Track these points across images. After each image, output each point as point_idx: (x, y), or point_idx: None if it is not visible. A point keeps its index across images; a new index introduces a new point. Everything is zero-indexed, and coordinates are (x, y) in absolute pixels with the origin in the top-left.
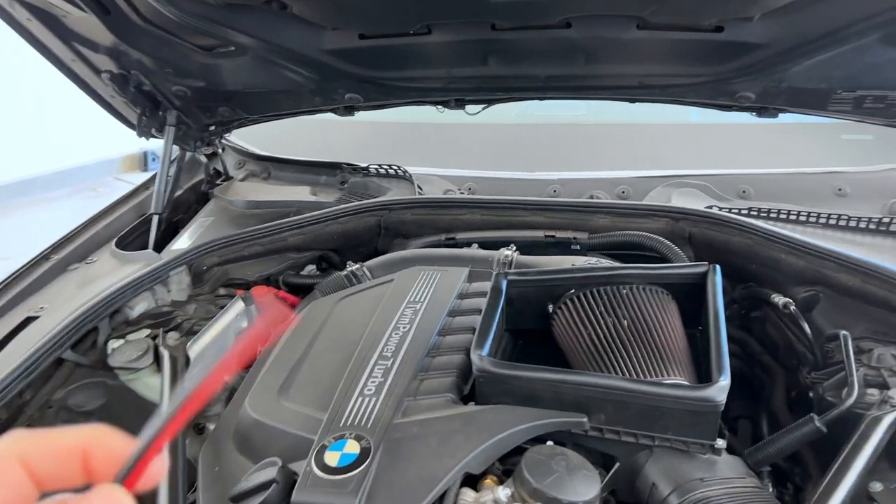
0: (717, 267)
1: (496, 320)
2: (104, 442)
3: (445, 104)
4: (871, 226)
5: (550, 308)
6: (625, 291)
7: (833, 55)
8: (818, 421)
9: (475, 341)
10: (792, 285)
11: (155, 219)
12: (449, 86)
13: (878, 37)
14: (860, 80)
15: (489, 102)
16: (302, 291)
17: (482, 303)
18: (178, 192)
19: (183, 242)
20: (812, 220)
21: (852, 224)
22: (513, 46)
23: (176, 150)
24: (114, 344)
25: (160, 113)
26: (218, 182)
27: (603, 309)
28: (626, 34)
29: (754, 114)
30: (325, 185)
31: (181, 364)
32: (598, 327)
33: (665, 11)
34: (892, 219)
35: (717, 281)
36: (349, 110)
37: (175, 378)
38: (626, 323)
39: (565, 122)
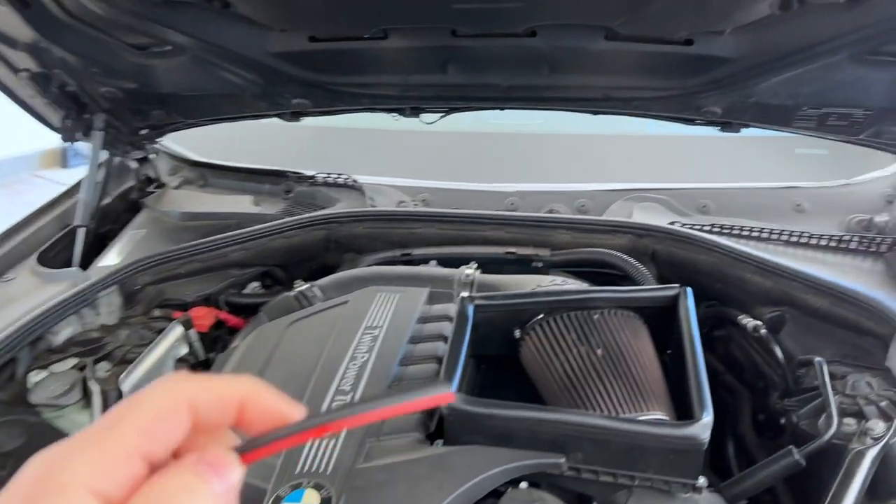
0: (689, 290)
1: (464, 351)
2: (260, 398)
3: (400, 112)
4: (832, 243)
5: (517, 333)
6: (596, 316)
7: (802, 72)
8: (797, 454)
9: (443, 376)
10: (758, 305)
11: (81, 232)
12: (405, 93)
13: (847, 55)
14: (827, 98)
15: (447, 111)
16: (245, 312)
17: (445, 328)
18: (106, 201)
19: (112, 258)
20: (774, 237)
21: (813, 242)
22: (474, 54)
23: (103, 154)
24: (35, 376)
25: (86, 116)
26: (150, 190)
27: (575, 336)
28: (594, 45)
29: (718, 128)
30: (268, 195)
31: (113, 400)
32: (570, 357)
33: (636, 23)
34: (851, 237)
35: (689, 305)
36: (296, 116)
37: None
38: (599, 352)
39: (521, 132)
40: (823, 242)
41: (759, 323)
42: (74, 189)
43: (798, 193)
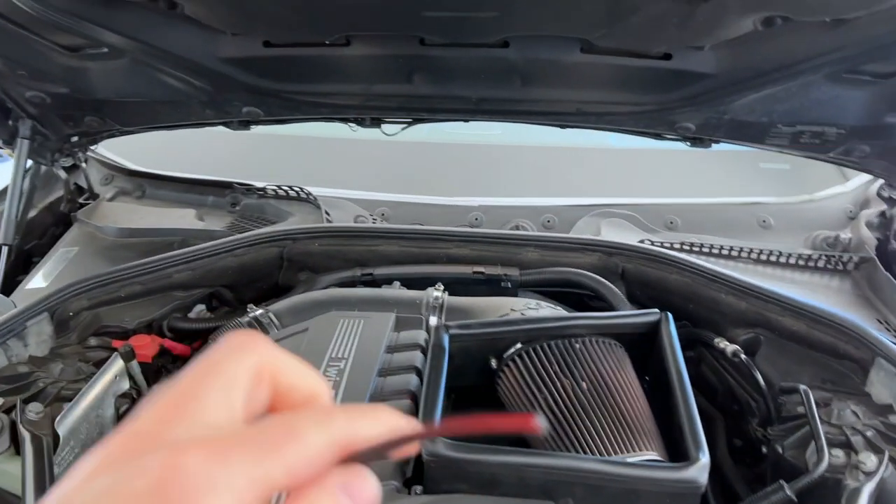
0: (670, 315)
1: (442, 388)
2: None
3: (360, 122)
4: (801, 262)
5: (493, 363)
6: (577, 346)
7: (779, 89)
8: (788, 489)
9: (422, 417)
10: (732, 327)
11: (3, 251)
12: (366, 103)
13: (824, 73)
14: (801, 116)
15: (410, 123)
16: (191, 338)
17: (416, 357)
18: (31, 213)
19: (40, 280)
20: (744, 255)
21: (782, 260)
22: (442, 64)
23: (28, 162)
24: None
25: (10, 122)
26: (81, 201)
27: (557, 368)
28: (569, 57)
29: (688, 143)
30: (212, 208)
31: (48, 446)
32: (554, 391)
33: (615, 36)
34: (819, 255)
35: (671, 333)
36: (245, 125)
37: (41, 464)
38: (584, 385)
39: (482, 143)
40: (792, 261)
41: (737, 348)
42: None
43: (763, 209)
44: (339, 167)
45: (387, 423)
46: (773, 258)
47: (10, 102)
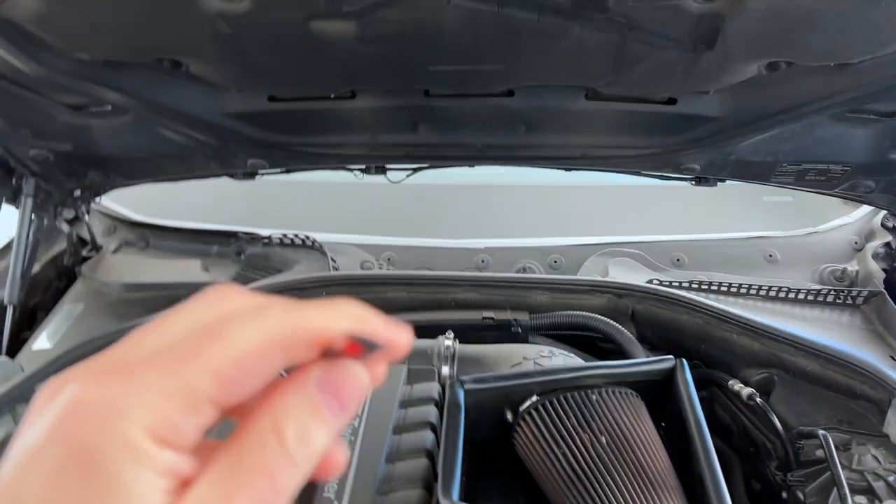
0: (685, 363)
1: (461, 449)
2: (367, 330)
3: (365, 170)
4: (810, 297)
5: (509, 416)
6: (594, 397)
7: (784, 130)
8: None
9: (441, 484)
10: (745, 367)
11: (9, 311)
12: (372, 153)
13: (829, 114)
14: (806, 154)
15: (415, 170)
16: None
17: (431, 413)
18: (35, 269)
19: (45, 340)
20: (752, 292)
21: (791, 296)
22: (447, 114)
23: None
24: None
25: (14, 181)
26: (85, 255)
27: (574, 421)
28: (573, 104)
29: (693, 182)
30: (217, 258)
31: None
32: (573, 447)
33: (620, 83)
34: (828, 290)
35: (688, 381)
36: (250, 176)
37: None
38: (604, 440)
39: (483, 184)
40: (801, 296)
41: (752, 391)
42: None
43: (769, 243)
44: (342, 211)
45: (344, 311)
46: (782, 294)
47: (13, 161)
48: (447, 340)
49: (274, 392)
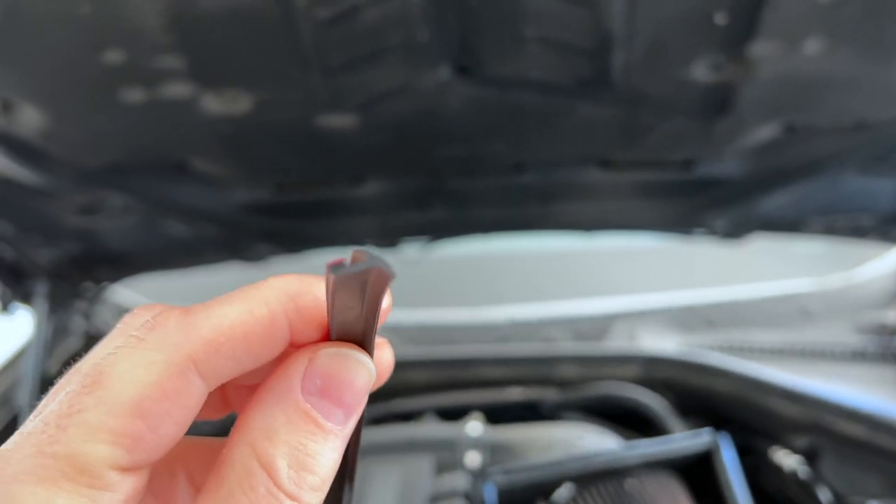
0: (724, 440)
1: None
2: None
3: (378, 246)
4: (849, 353)
5: None
6: (628, 486)
7: (808, 186)
8: None
9: None
10: (787, 433)
11: (23, 415)
12: (384, 232)
13: (854, 168)
14: (832, 207)
15: (429, 245)
16: None
17: None
18: (51, 370)
19: None
20: (789, 351)
21: (829, 352)
22: (458, 192)
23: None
24: None
25: (26, 283)
26: None
27: None
28: (587, 176)
29: (719, 239)
30: None
31: None
32: None
33: (633, 151)
34: (868, 344)
35: (727, 460)
36: (261, 261)
37: None
38: None
39: (501, 254)
40: (839, 351)
41: (795, 465)
42: (9, 366)
43: (803, 297)
44: None
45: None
46: (819, 351)
47: (25, 264)
48: (473, 425)
49: (251, 403)
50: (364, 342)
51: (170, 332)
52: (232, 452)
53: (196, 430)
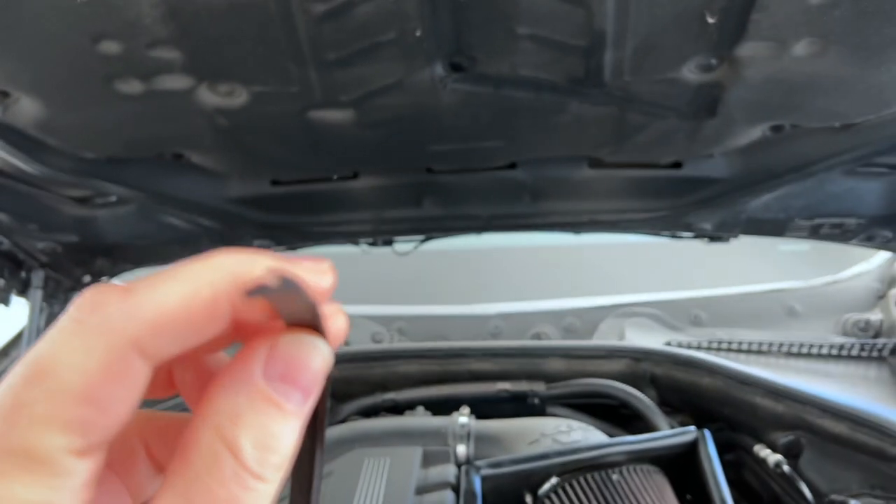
0: (707, 435)
1: None
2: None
3: (372, 244)
4: (834, 352)
5: (529, 500)
6: (615, 477)
7: (794, 187)
8: None
9: None
10: (770, 430)
11: None
12: (378, 228)
13: (840, 169)
14: (818, 209)
15: (421, 241)
16: None
17: (446, 499)
18: None
19: None
20: (775, 350)
21: (815, 352)
22: (451, 188)
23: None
24: None
25: (22, 274)
26: None
27: None
28: (577, 173)
29: (706, 241)
30: None
31: None
32: None
33: (622, 152)
34: (852, 344)
35: (710, 455)
36: None
37: None
38: None
39: (493, 247)
40: (824, 351)
41: (779, 459)
42: (9, 348)
43: (789, 296)
44: (350, 282)
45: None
46: (805, 351)
47: (21, 254)
48: (462, 418)
49: (213, 389)
50: (316, 326)
51: (111, 314)
52: (197, 435)
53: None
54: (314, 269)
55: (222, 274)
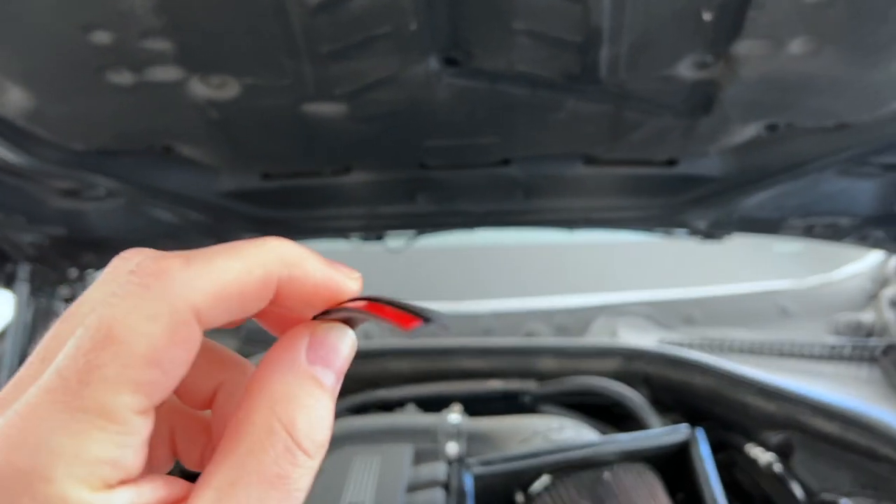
0: (700, 434)
1: None
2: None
3: (364, 238)
4: (826, 352)
5: (520, 498)
6: (606, 476)
7: (788, 187)
8: None
9: None
10: (762, 429)
11: None
12: (370, 223)
13: (834, 169)
14: (812, 209)
15: (414, 237)
16: None
17: (437, 497)
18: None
19: None
20: (767, 350)
21: (806, 352)
22: (445, 183)
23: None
24: None
25: (8, 266)
26: None
27: (588, 503)
28: (572, 170)
29: (700, 239)
30: (216, 332)
31: None
32: None
33: (617, 149)
34: (844, 344)
35: (702, 454)
36: None
37: None
38: None
39: (485, 245)
40: (816, 352)
41: (770, 459)
42: None
43: (782, 296)
44: None
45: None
46: (796, 350)
47: (8, 247)
48: (454, 416)
49: (261, 373)
50: (346, 319)
51: (175, 282)
52: (251, 415)
53: None
54: (351, 277)
55: (276, 258)
